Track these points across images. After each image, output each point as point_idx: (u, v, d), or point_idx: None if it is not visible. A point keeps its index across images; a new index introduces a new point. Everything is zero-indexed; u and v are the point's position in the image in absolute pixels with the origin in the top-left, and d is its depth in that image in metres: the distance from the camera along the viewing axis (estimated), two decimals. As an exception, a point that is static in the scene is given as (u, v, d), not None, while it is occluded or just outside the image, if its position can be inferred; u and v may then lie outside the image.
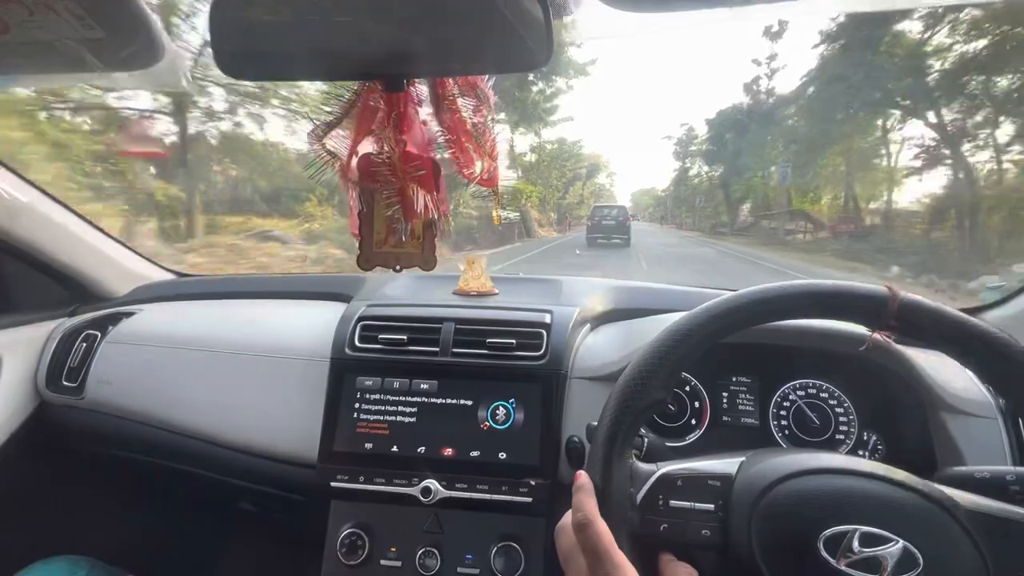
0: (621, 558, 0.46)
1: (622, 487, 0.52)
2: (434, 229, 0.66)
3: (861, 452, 0.84)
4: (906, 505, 0.47)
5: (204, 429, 0.94)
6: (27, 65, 0.55)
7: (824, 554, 0.46)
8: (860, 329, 0.54)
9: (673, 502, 0.53)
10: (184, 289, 1.25)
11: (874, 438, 0.84)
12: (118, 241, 1.22)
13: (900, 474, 0.49)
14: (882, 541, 0.45)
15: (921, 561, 0.44)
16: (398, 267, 0.67)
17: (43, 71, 0.56)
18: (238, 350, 0.97)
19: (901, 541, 0.45)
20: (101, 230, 1.17)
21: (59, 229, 1.08)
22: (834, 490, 0.48)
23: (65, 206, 1.09)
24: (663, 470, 0.54)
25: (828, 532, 0.46)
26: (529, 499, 0.78)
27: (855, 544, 0.45)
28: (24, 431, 1.01)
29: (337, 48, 0.54)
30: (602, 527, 0.48)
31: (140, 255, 1.28)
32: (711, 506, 0.52)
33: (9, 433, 0.98)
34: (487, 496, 0.79)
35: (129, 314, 1.09)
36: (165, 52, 0.55)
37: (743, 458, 0.55)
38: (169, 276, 1.32)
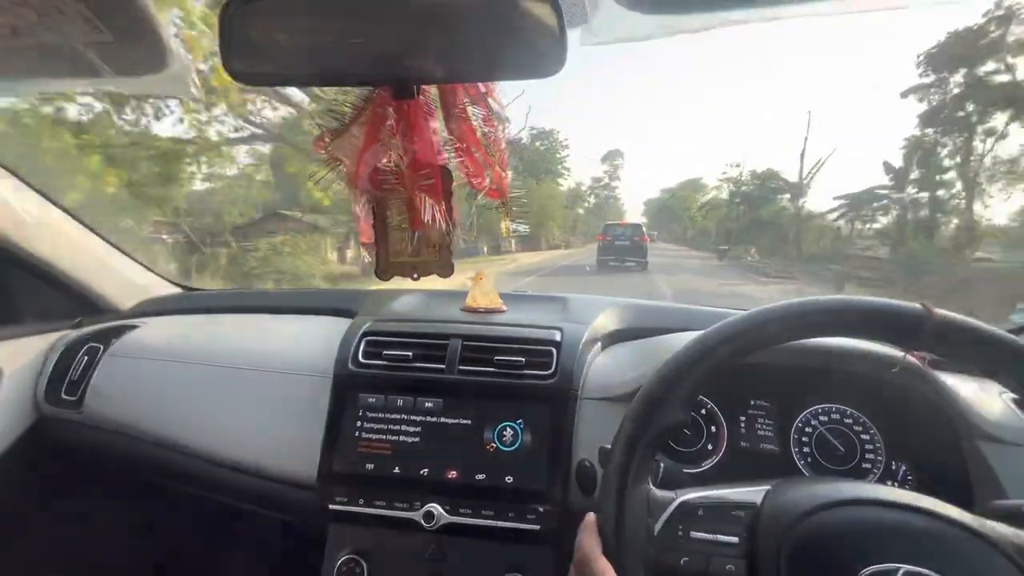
0: None
1: (638, 516, 0.49)
2: (450, 236, 0.64)
3: (890, 482, 0.79)
4: (955, 543, 0.43)
5: (202, 446, 0.91)
6: (36, 69, 0.55)
7: None
8: (889, 350, 0.51)
9: (694, 533, 0.49)
10: (190, 303, 1.24)
11: (903, 467, 0.79)
12: (126, 254, 1.22)
13: (948, 508, 0.45)
14: None
15: None
16: (416, 276, 0.65)
17: (51, 75, 0.56)
18: (240, 365, 0.95)
19: None
20: (109, 242, 1.17)
21: (66, 240, 1.08)
22: (874, 523, 0.44)
23: (74, 217, 1.09)
24: (682, 498, 0.51)
25: (868, 571, 0.42)
26: (537, 527, 0.74)
27: None
28: (21, 445, 0.99)
29: (347, 54, 0.54)
30: (603, 566, 0.45)
31: (148, 268, 1.28)
32: (735, 539, 0.48)
33: (5, 447, 0.96)
34: (492, 523, 0.75)
35: (133, 327, 1.08)
36: (173, 58, 0.54)
37: (769, 486, 0.51)
38: (176, 290, 1.32)
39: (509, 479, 0.76)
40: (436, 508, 0.75)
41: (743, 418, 0.85)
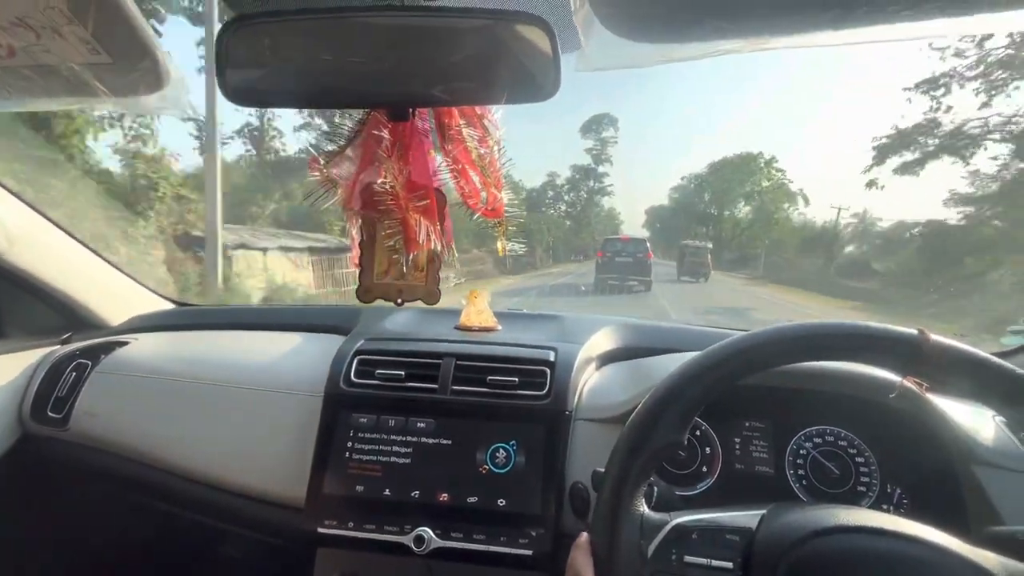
0: None
1: (631, 538, 0.48)
2: (438, 262, 0.65)
3: (885, 506, 0.79)
4: (950, 573, 0.42)
5: (189, 465, 0.89)
6: (32, 89, 0.55)
7: None
8: (887, 374, 0.51)
9: (688, 557, 0.48)
10: (182, 319, 1.23)
11: (898, 491, 0.79)
12: (118, 269, 1.21)
13: (944, 537, 0.44)
14: None
15: None
16: (399, 300, 0.65)
17: (48, 95, 0.56)
18: (230, 383, 0.94)
19: None
20: (101, 256, 1.16)
21: (57, 255, 1.07)
22: (873, 553, 0.44)
23: (66, 232, 1.08)
24: (676, 520, 0.50)
25: None
26: (529, 551, 0.73)
27: None
28: (4, 463, 0.96)
29: (343, 76, 0.54)
30: None
31: (140, 283, 1.27)
32: (729, 564, 0.47)
33: None
34: (484, 547, 0.73)
35: (123, 343, 1.07)
36: (170, 78, 0.55)
37: (764, 511, 0.51)
38: (168, 305, 1.31)
39: (501, 502, 0.75)
40: (427, 532, 0.73)
41: (738, 440, 0.85)
